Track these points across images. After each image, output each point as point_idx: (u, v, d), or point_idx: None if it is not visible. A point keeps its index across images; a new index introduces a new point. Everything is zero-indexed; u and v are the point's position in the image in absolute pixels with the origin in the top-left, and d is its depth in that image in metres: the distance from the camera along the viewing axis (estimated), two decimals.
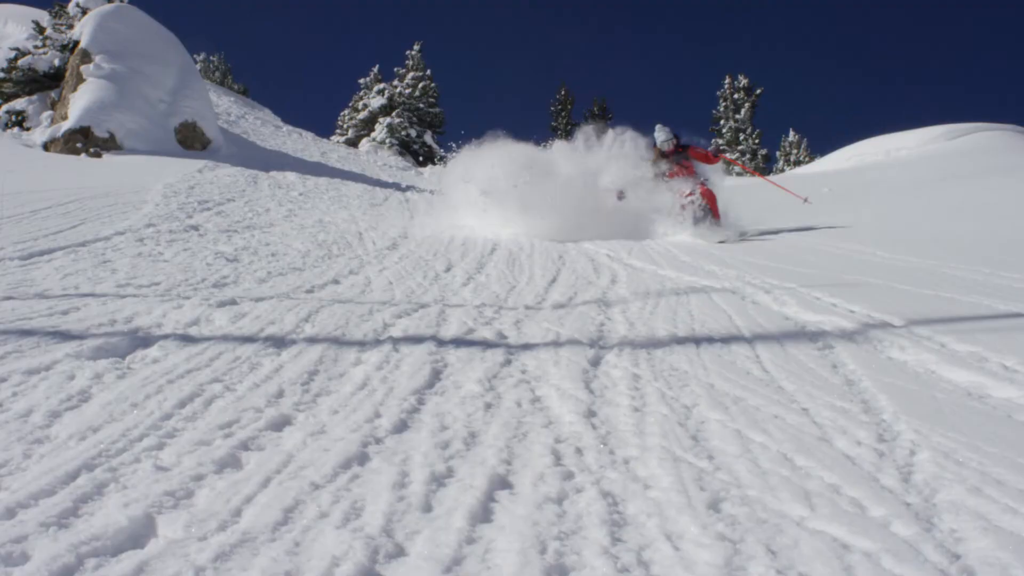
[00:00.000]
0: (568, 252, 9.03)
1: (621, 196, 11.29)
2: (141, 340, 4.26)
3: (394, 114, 39.97)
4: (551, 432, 3.09)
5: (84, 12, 21.16)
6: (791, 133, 45.84)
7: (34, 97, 20.58)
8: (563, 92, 48.91)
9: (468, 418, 3.24)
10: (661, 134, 11.44)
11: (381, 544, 2.16)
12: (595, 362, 4.09)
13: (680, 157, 11.38)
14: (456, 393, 3.59)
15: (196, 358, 3.97)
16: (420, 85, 41.67)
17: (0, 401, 3.22)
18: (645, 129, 12.76)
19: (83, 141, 18.11)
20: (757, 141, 44.21)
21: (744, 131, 44.42)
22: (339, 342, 4.44)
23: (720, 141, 42.99)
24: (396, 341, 4.46)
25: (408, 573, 2.04)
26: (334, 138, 39.78)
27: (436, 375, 3.86)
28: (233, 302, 5.41)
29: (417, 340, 4.50)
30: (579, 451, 2.89)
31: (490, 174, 11.55)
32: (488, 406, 3.40)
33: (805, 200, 11.40)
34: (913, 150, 24.70)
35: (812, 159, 38.17)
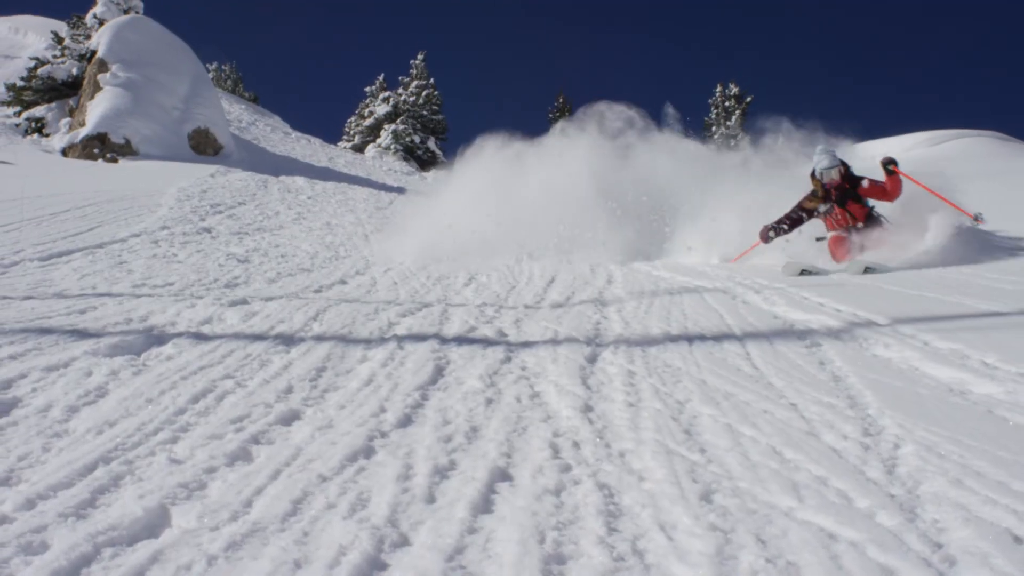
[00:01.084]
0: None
1: (768, 237, 7.77)
2: (156, 338, 4.27)
3: (399, 121, 39.97)
4: (549, 426, 3.09)
5: (101, 23, 21.19)
6: (780, 140, 45.84)
7: (53, 105, 20.60)
8: (561, 99, 48.83)
9: (470, 413, 3.24)
10: (823, 159, 7.63)
11: (386, 534, 2.16)
12: (592, 359, 4.09)
13: (847, 195, 7.59)
14: (458, 389, 3.59)
15: (209, 355, 3.98)
16: (424, 93, 41.66)
17: (20, 397, 3.23)
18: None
19: (100, 147, 18.12)
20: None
21: (735, 138, 44.43)
22: (346, 340, 4.44)
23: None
24: (401, 339, 4.46)
25: (412, 562, 2.04)
26: (341, 144, 39.77)
27: (439, 372, 3.86)
28: (244, 301, 5.41)
29: (421, 338, 4.50)
30: (576, 445, 2.89)
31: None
32: (489, 401, 3.40)
33: (976, 219, 7.27)
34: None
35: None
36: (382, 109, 40.95)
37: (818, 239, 7.84)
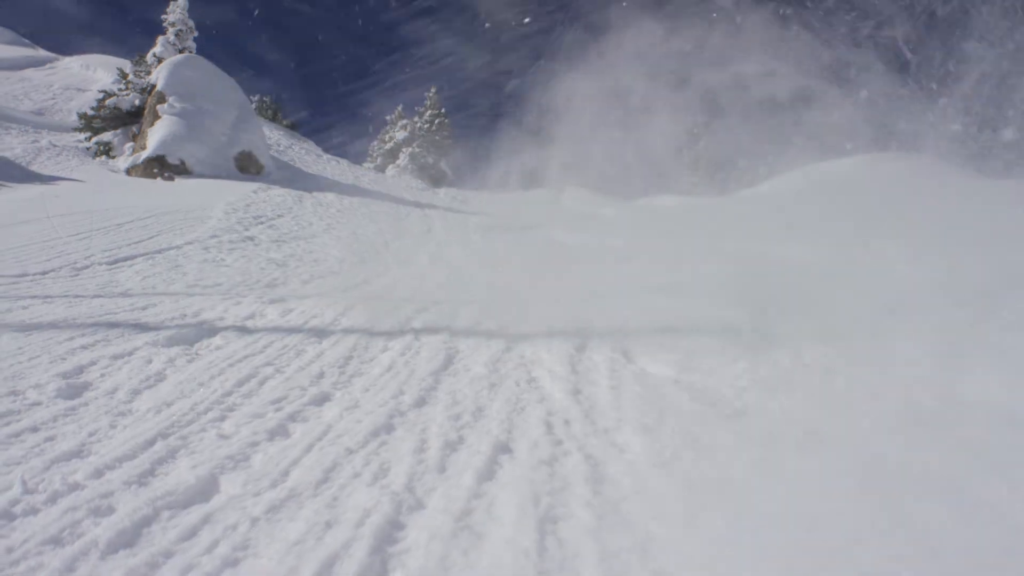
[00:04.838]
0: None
1: None
2: (207, 331, 4.26)
3: (415, 145, 40.02)
4: (544, 407, 3.09)
5: (159, 61, 21.24)
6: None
7: (118, 131, 20.63)
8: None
9: (476, 395, 3.24)
10: None
11: (404, 499, 2.17)
12: (580, 349, 4.09)
13: None
14: (466, 375, 3.59)
15: (252, 346, 3.97)
16: (436, 121, 41.69)
17: (91, 381, 3.23)
18: None
19: (159, 167, 18.14)
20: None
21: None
22: (370, 332, 4.44)
23: None
24: (417, 332, 4.46)
25: (426, 523, 2.05)
26: (366, 165, 39.75)
27: (450, 360, 3.86)
28: (282, 299, 5.41)
29: (434, 331, 4.49)
30: (567, 422, 2.89)
31: None
32: (492, 385, 3.40)
33: None
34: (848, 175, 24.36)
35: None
36: (400, 135, 40.99)
37: None
